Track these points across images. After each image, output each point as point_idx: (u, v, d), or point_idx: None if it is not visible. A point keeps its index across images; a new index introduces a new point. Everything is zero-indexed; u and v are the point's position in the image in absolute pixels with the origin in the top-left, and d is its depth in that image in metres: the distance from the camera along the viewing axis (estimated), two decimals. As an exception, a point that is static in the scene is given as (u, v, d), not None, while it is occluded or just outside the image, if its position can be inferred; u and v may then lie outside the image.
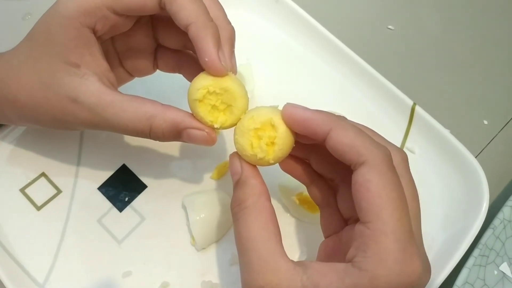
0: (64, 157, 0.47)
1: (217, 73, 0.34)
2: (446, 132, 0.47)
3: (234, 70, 0.36)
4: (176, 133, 0.36)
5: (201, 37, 0.34)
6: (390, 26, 0.59)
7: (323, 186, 0.39)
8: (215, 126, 0.35)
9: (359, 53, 0.51)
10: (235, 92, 0.35)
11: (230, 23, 0.38)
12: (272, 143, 0.33)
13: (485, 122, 0.54)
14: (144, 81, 0.46)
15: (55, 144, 0.47)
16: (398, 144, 0.49)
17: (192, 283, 0.43)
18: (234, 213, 0.34)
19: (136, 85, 0.46)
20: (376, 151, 0.31)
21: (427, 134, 0.48)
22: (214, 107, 0.35)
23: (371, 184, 0.30)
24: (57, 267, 0.43)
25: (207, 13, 0.34)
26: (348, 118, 0.47)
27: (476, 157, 0.46)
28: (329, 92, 0.52)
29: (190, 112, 0.36)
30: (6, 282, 0.40)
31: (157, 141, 0.38)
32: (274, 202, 0.46)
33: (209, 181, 0.48)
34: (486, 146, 0.53)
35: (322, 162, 0.37)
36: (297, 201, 0.44)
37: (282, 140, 0.33)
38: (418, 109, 0.48)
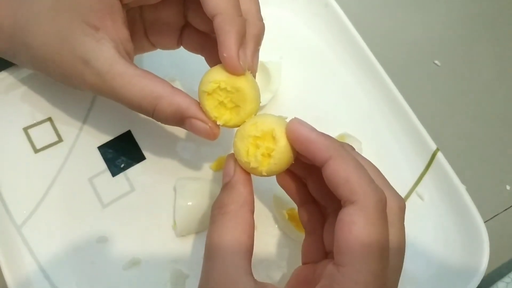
0: (74, 108, 0.47)
1: (233, 71, 0.33)
2: (462, 188, 0.44)
3: (253, 70, 0.35)
4: (179, 119, 0.35)
5: (225, 31, 0.32)
6: (436, 61, 0.55)
7: (314, 211, 0.37)
8: (218, 122, 0.34)
9: (395, 80, 0.48)
10: (246, 94, 0.33)
11: (261, 20, 0.36)
12: (269, 155, 0.32)
13: (508, 187, 0.51)
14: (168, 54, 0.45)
15: (69, 93, 0.47)
16: (409, 186, 0.47)
17: (162, 267, 0.43)
18: (213, 215, 0.33)
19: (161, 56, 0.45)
20: (370, 193, 0.29)
21: (441, 184, 0.46)
22: (221, 103, 0.34)
23: (354, 227, 0.28)
24: (37, 214, 0.43)
25: (237, 5, 0.33)
26: (363, 144, 0.46)
27: (486, 222, 0.43)
28: (352, 111, 0.50)
29: (198, 101, 0.35)
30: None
31: None
32: (265, 210, 0.45)
33: (207, 170, 0.46)
34: (501, 212, 0.49)
35: (319, 187, 0.36)
36: (287, 216, 0.42)
37: (280, 155, 0.31)
38: (440, 155, 0.45)
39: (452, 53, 0.56)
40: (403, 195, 0.46)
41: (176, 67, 0.49)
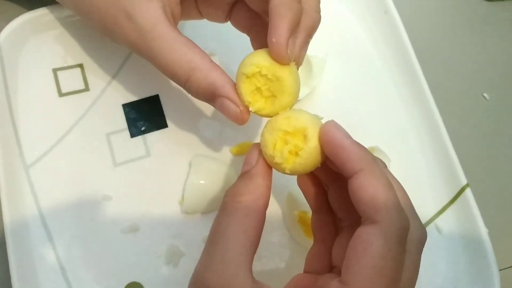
0: (107, 60, 0.46)
1: (278, 59, 0.31)
2: (484, 231, 0.42)
3: (299, 62, 0.33)
4: (210, 96, 0.33)
5: (279, 14, 0.30)
6: (485, 94, 0.52)
7: (328, 220, 0.35)
8: (250, 109, 0.32)
9: (439, 104, 0.46)
10: (286, 85, 0.31)
11: (318, 12, 0.34)
12: (296, 153, 0.30)
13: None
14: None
15: (106, 44, 0.45)
16: (429, 216, 0.45)
17: (160, 239, 0.42)
18: (225, 201, 0.31)
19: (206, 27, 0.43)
20: (395, 217, 0.27)
21: (463, 222, 0.43)
22: (258, 89, 0.32)
23: (371, 248, 0.26)
24: (48, 158, 0.42)
25: None
26: (392, 161, 0.44)
27: (501, 270, 0.41)
28: (387, 125, 0.48)
29: (235, 81, 0.33)
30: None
31: None
32: (276, 206, 0.44)
33: (227, 152, 0.45)
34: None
35: (340, 197, 0.34)
36: (297, 218, 0.41)
37: (307, 156, 0.30)
38: (468, 192, 0.43)
39: (502, 90, 0.53)
40: (420, 223, 0.44)
41: (218, 42, 0.48)
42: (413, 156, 0.46)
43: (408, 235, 0.28)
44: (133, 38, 0.34)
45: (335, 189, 0.34)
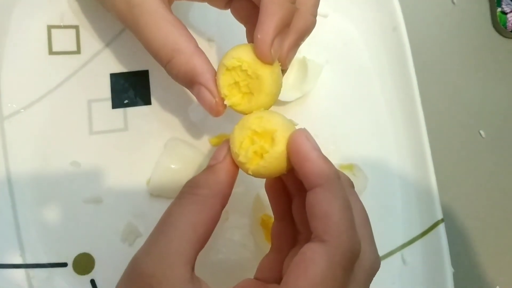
0: (104, 27, 0.45)
1: (261, 57, 0.29)
2: (449, 271, 0.41)
3: (285, 63, 0.32)
4: (189, 81, 0.32)
5: (269, 11, 0.29)
6: (481, 131, 0.51)
7: (288, 231, 0.34)
8: (226, 102, 0.31)
9: (431, 133, 0.44)
10: (265, 85, 0.30)
11: (314, 16, 0.33)
12: (261, 155, 0.29)
13: (497, 288, 0.47)
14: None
15: (106, 11, 0.44)
16: (396, 244, 0.43)
17: (120, 216, 0.41)
18: (182, 191, 0.30)
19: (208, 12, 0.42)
20: (344, 240, 0.26)
21: (430, 258, 0.42)
22: (237, 84, 0.31)
23: (312, 267, 0.25)
24: (25, 113, 0.42)
25: None
26: (369, 182, 0.43)
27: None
28: (372, 145, 0.46)
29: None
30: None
31: None
32: (244, 207, 0.43)
33: (205, 141, 0.44)
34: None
35: (301, 210, 0.32)
36: (260, 221, 0.40)
37: (272, 160, 0.29)
38: (441, 228, 0.42)
39: (499, 129, 0.51)
40: (386, 250, 0.43)
41: (218, 29, 0.46)
42: (393, 181, 0.45)
43: (357, 261, 0.27)
44: (121, 8, 0.33)
45: (300, 200, 0.33)
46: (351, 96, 0.47)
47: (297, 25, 0.31)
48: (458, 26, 0.53)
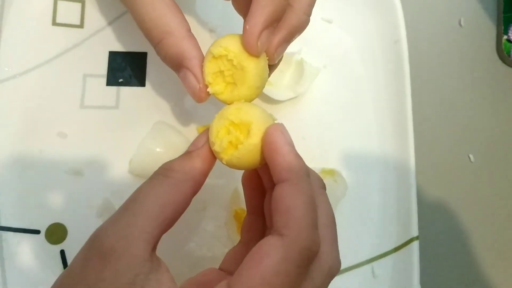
0: (109, 7, 0.45)
1: (247, 48, 0.30)
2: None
3: (273, 57, 0.32)
4: (176, 65, 0.33)
5: (259, 4, 0.29)
6: (471, 156, 0.50)
7: (258, 226, 0.34)
8: (208, 89, 0.31)
9: (418, 151, 0.44)
10: (248, 77, 0.30)
11: (308, 15, 0.33)
12: (236, 146, 0.29)
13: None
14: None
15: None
16: (368, 256, 0.43)
17: (99, 191, 0.41)
18: (156, 172, 0.31)
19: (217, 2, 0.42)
20: (302, 237, 0.26)
21: (400, 274, 0.42)
22: (222, 72, 0.31)
23: (266, 260, 0.25)
24: (20, 79, 0.42)
25: None
26: (349, 191, 0.43)
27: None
28: (357, 155, 0.46)
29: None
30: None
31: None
32: (221, 200, 0.43)
33: (193, 129, 0.44)
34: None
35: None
36: (234, 213, 0.40)
37: (245, 152, 0.29)
38: (415, 245, 0.41)
39: (488, 156, 0.51)
40: (358, 261, 0.43)
41: (223, 20, 0.46)
42: (373, 193, 0.45)
43: (315, 261, 0.27)
44: None
45: (270, 195, 0.33)
46: (343, 103, 0.47)
47: (289, 21, 0.31)
48: (462, 49, 0.53)
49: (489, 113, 0.52)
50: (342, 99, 0.47)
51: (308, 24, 0.33)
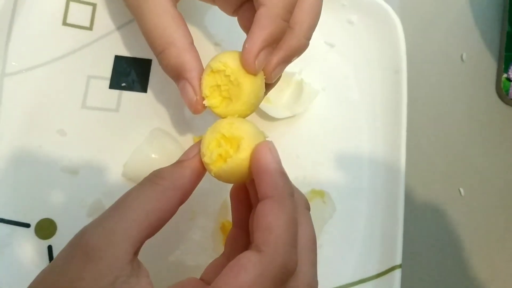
0: (121, 11, 0.46)
1: (245, 66, 0.31)
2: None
3: (270, 77, 0.33)
4: (176, 75, 0.34)
5: (260, 24, 0.30)
6: (461, 189, 0.51)
7: (242, 240, 0.35)
8: (204, 102, 0.32)
9: (410, 186, 0.45)
10: (244, 94, 0.31)
11: (307, 39, 0.34)
12: (224, 159, 0.30)
13: None
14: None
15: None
16: (348, 280, 0.43)
17: (92, 190, 0.42)
18: (145, 178, 0.31)
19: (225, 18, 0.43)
20: (280, 254, 0.26)
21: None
22: (218, 87, 0.32)
23: (243, 274, 0.26)
24: (26, 75, 0.43)
25: (288, 9, 0.30)
26: (337, 213, 0.43)
27: None
28: (347, 176, 0.47)
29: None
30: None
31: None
32: (211, 211, 0.43)
33: (189, 139, 0.45)
34: None
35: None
36: (221, 225, 0.40)
37: (233, 165, 0.30)
38: (397, 273, 0.42)
39: (479, 190, 0.52)
40: (338, 284, 0.43)
41: (229, 35, 0.48)
42: (360, 217, 0.45)
43: (292, 280, 0.28)
44: None
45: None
46: (339, 127, 0.47)
47: (288, 43, 0.32)
48: (461, 83, 0.54)
49: (482, 148, 0.53)
50: (338, 123, 0.48)
51: (307, 47, 0.34)
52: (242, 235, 0.35)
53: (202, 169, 0.32)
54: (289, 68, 0.45)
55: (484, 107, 0.54)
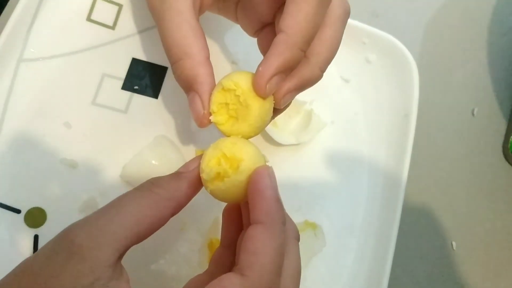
0: (144, 16, 0.47)
1: (256, 88, 0.31)
2: None
3: (279, 103, 0.33)
4: (187, 86, 0.34)
5: (276, 50, 0.30)
6: (454, 243, 0.50)
7: (228, 260, 0.34)
8: (211, 117, 0.33)
9: (402, 233, 0.44)
10: (250, 116, 0.31)
11: (322, 71, 0.34)
12: (222, 178, 0.30)
13: None
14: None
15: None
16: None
17: (88, 187, 0.42)
18: (142, 184, 0.31)
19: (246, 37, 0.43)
20: (264, 281, 0.26)
21: None
22: (227, 104, 0.32)
23: None
24: (42, 63, 0.44)
25: (306, 41, 0.31)
26: (326, 249, 0.43)
27: None
28: (342, 213, 0.46)
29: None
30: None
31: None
32: (202, 226, 0.43)
33: (191, 150, 0.45)
34: None
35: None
36: (209, 241, 0.40)
37: (230, 185, 0.30)
38: None
39: (471, 246, 0.51)
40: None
41: (247, 55, 0.48)
42: (349, 254, 0.45)
43: None
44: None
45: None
46: (341, 162, 0.47)
47: (302, 73, 0.33)
48: (468, 137, 0.54)
49: (483, 205, 0.53)
50: (341, 158, 0.48)
51: (320, 79, 0.34)
52: (228, 255, 0.35)
53: (199, 183, 0.32)
54: (301, 96, 0.45)
55: (487, 164, 0.54)
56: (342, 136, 0.48)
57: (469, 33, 0.58)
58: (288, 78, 0.32)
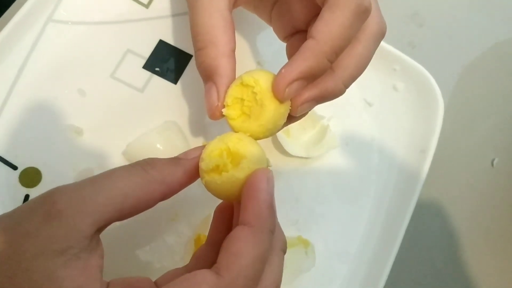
0: (180, 1, 0.47)
1: (274, 89, 0.30)
2: None
3: (296, 110, 0.32)
4: (207, 75, 0.33)
5: (302, 55, 0.29)
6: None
7: (210, 258, 0.33)
8: (223, 110, 0.32)
9: (397, 270, 0.43)
10: (263, 116, 0.30)
11: (345, 86, 0.32)
12: (220, 172, 0.29)
13: None
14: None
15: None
16: None
17: (88, 157, 0.41)
18: (137, 162, 0.30)
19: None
20: (240, 283, 0.25)
21: None
22: (242, 100, 0.31)
23: None
24: (69, 27, 0.44)
25: (335, 52, 0.30)
26: (315, 269, 0.41)
27: None
28: (338, 239, 0.45)
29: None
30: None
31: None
32: (194, 220, 0.42)
33: (199, 142, 0.44)
34: None
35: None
36: (195, 237, 0.39)
37: (227, 181, 0.29)
38: None
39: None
40: None
41: (274, 58, 0.47)
42: (337, 279, 0.43)
43: None
44: None
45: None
46: (347, 185, 0.46)
47: (324, 83, 0.31)
48: (484, 187, 0.52)
49: (495, 261, 0.51)
50: (348, 181, 0.46)
51: (342, 94, 0.33)
52: (211, 254, 0.33)
53: (196, 173, 0.31)
54: (320, 110, 0.45)
55: (503, 216, 0.52)
56: (354, 159, 0.47)
57: (503, 85, 0.57)
58: (309, 87, 0.31)
